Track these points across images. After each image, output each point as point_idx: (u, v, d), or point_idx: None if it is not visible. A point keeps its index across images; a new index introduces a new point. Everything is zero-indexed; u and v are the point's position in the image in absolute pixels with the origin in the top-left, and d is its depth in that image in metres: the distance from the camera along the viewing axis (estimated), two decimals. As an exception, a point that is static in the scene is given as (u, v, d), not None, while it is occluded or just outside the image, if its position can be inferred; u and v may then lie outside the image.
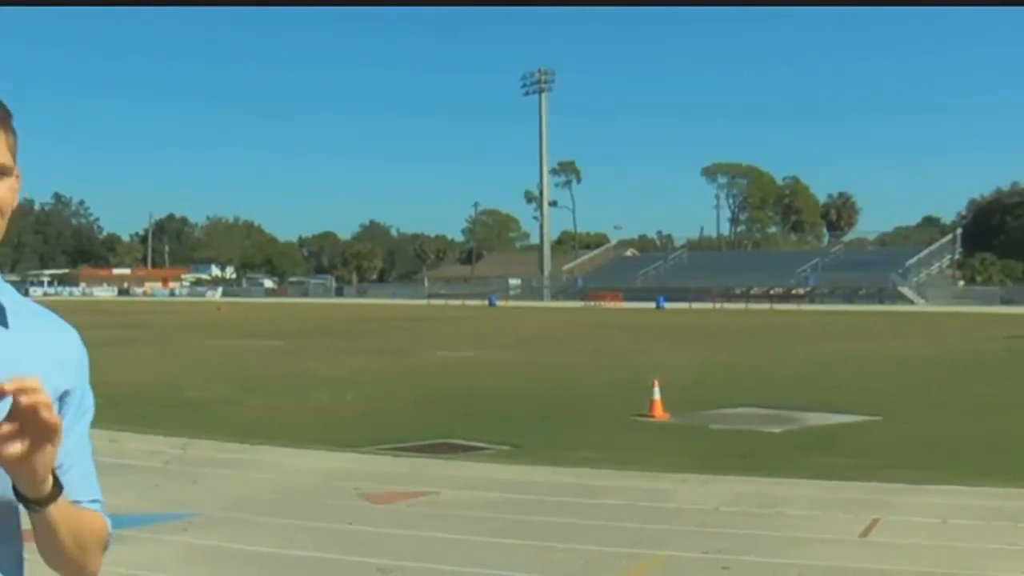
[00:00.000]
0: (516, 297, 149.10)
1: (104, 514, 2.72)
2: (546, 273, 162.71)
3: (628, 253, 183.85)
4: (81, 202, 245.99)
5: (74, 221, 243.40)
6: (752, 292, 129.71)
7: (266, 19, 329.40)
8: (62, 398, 2.58)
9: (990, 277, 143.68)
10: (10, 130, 2.54)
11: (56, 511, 2.45)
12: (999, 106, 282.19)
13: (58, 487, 2.42)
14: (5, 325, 2.51)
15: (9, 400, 2.32)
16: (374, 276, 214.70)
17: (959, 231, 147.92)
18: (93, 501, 2.69)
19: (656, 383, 21.55)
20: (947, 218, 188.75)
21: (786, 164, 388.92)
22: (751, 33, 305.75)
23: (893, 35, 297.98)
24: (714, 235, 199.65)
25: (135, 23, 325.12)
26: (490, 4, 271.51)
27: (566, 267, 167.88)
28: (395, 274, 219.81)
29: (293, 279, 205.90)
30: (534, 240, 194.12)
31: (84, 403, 2.67)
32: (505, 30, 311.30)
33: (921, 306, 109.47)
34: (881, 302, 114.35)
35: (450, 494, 13.42)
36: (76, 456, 2.64)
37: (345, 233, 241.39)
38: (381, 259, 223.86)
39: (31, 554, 2.54)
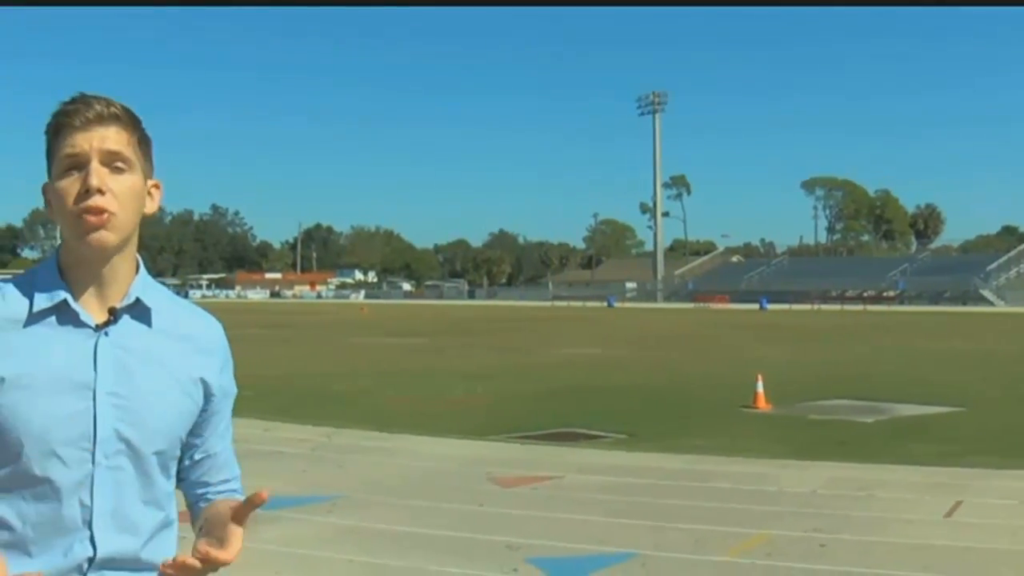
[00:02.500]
0: (632, 299, 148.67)
1: (237, 491, 2.80)
2: (659, 277, 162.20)
3: (734, 259, 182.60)
4: (236, 212, 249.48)
5: (230, 230, 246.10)
6: (847, 295, 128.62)
7: (407, 39, 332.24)
8: (204, 386, 2.65)
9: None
10: (128, 129, 2.51)
11: None
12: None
13: None
14: (149, 325, 2.56)
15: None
16: (503, 280, 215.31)
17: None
18: (231, 478, 2.80)
19: (760, 377, 21.40)
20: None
21: (878, 178, 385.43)
22: (845, 57, 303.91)
23: (971, 56, 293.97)
24: (812, 243, 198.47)
25: (284, 48, 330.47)
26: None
27: (677, 272, 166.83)
28: (522, 278, 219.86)
29: (429, 283, 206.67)
30: (648, 247, 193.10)
31: (227, 390, 2.74)
32: (622, 56, 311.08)
33: (1001, 307, 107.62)
34: (964, 304, 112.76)
35: (572, 478, 13.40)
36: (224, 440, 2.76)
37: (476, 241, 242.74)
38: (509, 264, 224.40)
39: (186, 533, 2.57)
